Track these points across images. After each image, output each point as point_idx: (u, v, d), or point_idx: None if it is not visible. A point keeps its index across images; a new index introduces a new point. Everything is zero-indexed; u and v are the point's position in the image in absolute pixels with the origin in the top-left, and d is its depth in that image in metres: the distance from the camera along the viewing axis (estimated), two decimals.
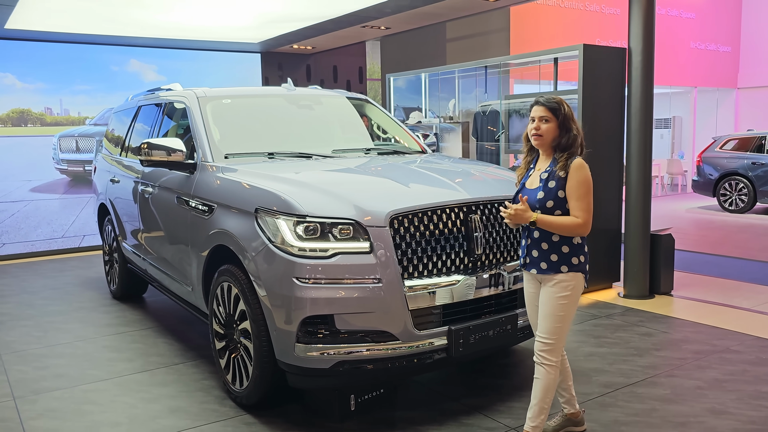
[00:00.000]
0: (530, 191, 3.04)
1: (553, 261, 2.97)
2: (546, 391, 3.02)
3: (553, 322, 2.98)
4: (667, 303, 5.86)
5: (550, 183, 2.98)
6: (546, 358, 3.00)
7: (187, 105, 4.68)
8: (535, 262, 3.02)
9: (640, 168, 5.99)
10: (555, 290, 2.98)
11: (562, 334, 3.00)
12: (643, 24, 5.86)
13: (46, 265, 8.16)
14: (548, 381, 3.01)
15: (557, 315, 2.98)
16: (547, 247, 2.98)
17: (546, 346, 2.99)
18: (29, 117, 8.79)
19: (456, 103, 8.12)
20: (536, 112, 3.01)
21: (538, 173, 3.07)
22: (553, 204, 2.95)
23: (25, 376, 4.36)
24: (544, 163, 3.09)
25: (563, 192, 2.95)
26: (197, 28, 8.50)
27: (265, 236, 3.37)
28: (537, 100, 3.03)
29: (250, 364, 3.55)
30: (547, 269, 2.98)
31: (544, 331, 3.00)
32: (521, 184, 3.15)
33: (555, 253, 2.97)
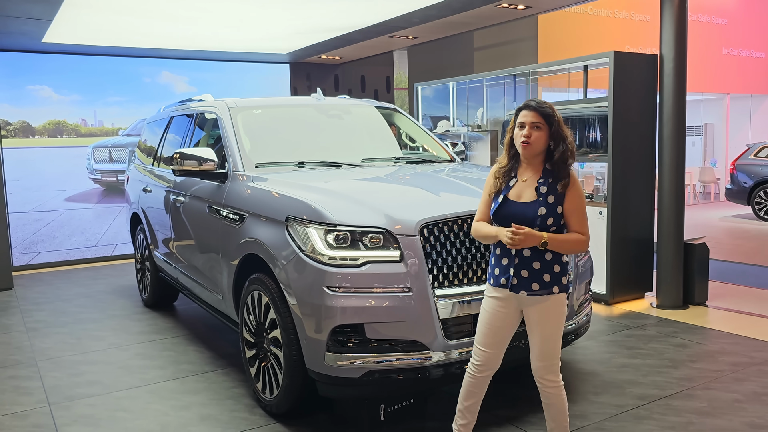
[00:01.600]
0: (525, 206, 2.77)
1: (546, 281, 2.77)
2: (561, 411, 2.93)
3: (554, 343, 2.84)
4: (701, 314, 5.73)
5: (549, 198, 2.75)
6: (553, 380, 2.88)
7: (219, 115, 4.73)
8: (525, 283, 2.78)
9: (672, 176, 5.89)
10: (548, 312, 2.80)
11: (560, 352, 2.89)
12: (675, 30, 5.78)
13: (80, 273, 8.31)
14: (561, 401, 2.91)
15: (556, 336, 2.84)
16: (539, 267, 2.76)
17: (550, 369, 2.87)
18: (64, 128, 8.99)
19: (484, 111, 8.09)
20: (527, 117, 2.76)
21: (526, 186, 2.81)
22: (553, 221, 2.75)
23: (59, 383, 4.43)
24: (528, 173, 2.83)
25: (561, 207, 2.76)
26: (227, 40, 8.62)
27: (295, 245, 3.38)
28: (527, 104, 2.79)
29: (280, 373, 3.56)
30: (540, 290, 2.77)
31: (546, 356, 2.85)
32: (503, 197, 2.84)
33: (547, 272, 2.77)
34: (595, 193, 6.60)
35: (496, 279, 2.87)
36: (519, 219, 2.76)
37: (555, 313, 2.82)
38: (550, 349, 2.85)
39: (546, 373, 2.87)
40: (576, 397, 3.95)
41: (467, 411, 3.07)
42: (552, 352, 2.85)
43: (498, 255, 2.86)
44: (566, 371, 4.39)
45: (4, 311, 6.47)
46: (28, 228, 8.71)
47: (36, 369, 4.73)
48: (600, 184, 7.38)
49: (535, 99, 2.85)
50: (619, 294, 6.08)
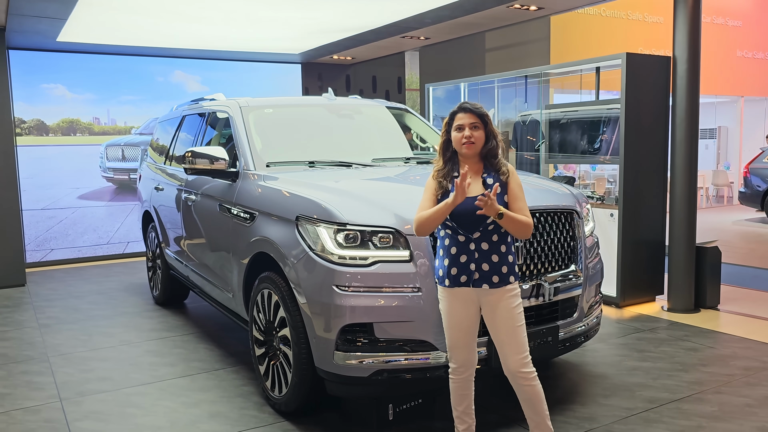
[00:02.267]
0: (474, 199, 2.79)
1: (504, 273, 2.89)
2: (542, 401, 2.95)
3: (520, 333, 2.90)
4: (713, 317, 5.69)
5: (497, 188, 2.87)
6: (530, 372, 2.91)
7: (230, 114, 4.76)
8: (486, 276, 2.87)
9: (685, 179, 5.86)
10: (508, 302, 2.89)
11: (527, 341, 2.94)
12: (689, 32, 5.74)
13: (92, 271, 8.37)
14: (540, 392, 2.94)
15: (520, 325, 2.91)
16: (498, 259, 2.89)
17: (524, 360, 2.91)
18: (78, 126, 9.06)
19: (495, 112, 8.07)
20: (464, 119, 2.91)
21: (472, 181, 2.88)
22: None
23: (71, 378, 4.47)
24: (470, 170, 2.91)
25: (507, 197, 2.92)
26: (239, 40, 8.66)
27: (305, 244, 3.39)
28: (463, 107, 2.94)
29: (289, 371, 3.57)
30: (499, 282, 2.88)
31: (519, 346, 2.90)
32: (451, 194, 2.86)
33: (504, 264, 2.90)
34: (606, 195, 6.57)
35: (454, 279, 2.92)
36: (473, 212, 2.82)
37: (514, 303, 2.91)
38: (521, 340, 2.90)
39: (522, 365, 2.90)
40: (585, 399, 3.93)
41: (464, 415, 3.12)
42: (524, 342, 2.91)
43: (454, 254, 2.92)
44: (576, 373, 4.37)
45: (17, 307, 6.53)
46: (41, 225, 8.79)
47: (48, 365, 4.77)
48: (611, 187, 7.35)
49: (467, 101, 3.00)
50: (630, 297, 6.05)
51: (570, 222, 3.74)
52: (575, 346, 3.81)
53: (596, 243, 4.18)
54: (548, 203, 3.67)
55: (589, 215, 4.13)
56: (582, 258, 3.78)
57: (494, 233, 2.89)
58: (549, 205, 3.65)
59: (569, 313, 3.70)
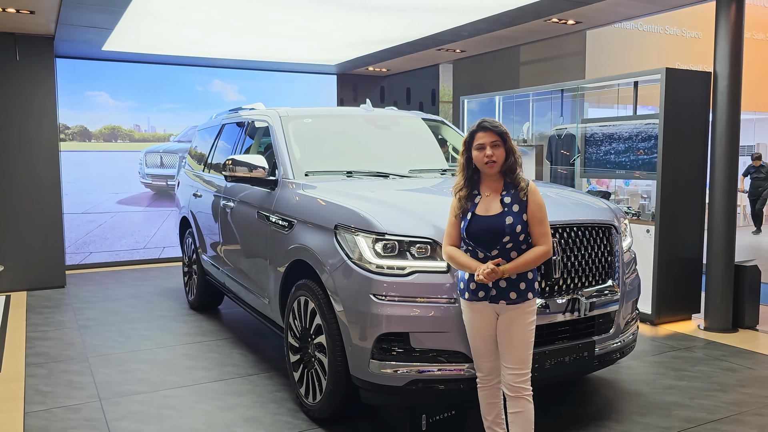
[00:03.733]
0: (493, 218, 2.90)
1: (522, 289, 2.90)
2: (530, 421, 2.95)
3: (527, 349, 2.92)
4: (752, 338, 5.58)
5: (515, 207, 2.91)
6: (525, 389, 2.92)
7: (270, 124, 4.84)
8: (504, 293, 2.90)
9: (724, 196, 5.77)
10: (522, 318, 2.91)
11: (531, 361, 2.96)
12: (731, 47, 5.68)
13: (129, 274, 8.55)
14: (531, 411, 2.94)
15: (529, 342, 2.93)
16: (516, 276, 2.90)
17: (523, 377, 2.92)
18: (119, 133, 9.29)
19: (530, 126, 8.06)
20: (485, 138, 2.92)
21: (491, 199, 2.95)
22: (521, 228, 2.89)
23: (109, 379, 4.58)
24: (489, 188, 2.98)
25: (526, 215, 2.91)
26: (277, 51, 8.80)
27: (343, 252, 3.44)
28: (483, 126, 2.94)
29: (324, 379, 3.61)
30: (517, 298, 2.90)
31: (520, 362, 2.91)
32: (471, 213, 2.95)
33: (523, 281, 2.91)
34: (641, 210, 6.50)
35: (473, 293, 2.96)
36: (490, 231, 2.89)
37: (529, 320, 2.93)
38: (524, 355, 2.91)
39: (520, 379, 2.91)
40: (621, 416, 3.89)
41: (494, 425, 3.13)
42: (526, 358, 2.92)
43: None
44: (610, 390, 4.32)
45: (58, 308, 6.70)
46: (81, 229, 9.01)
47: (87, 365, 4.89)
48: (646, 202, 7.27)
49: (487, 119, 2.99)
50: (666, 314, 5.96)
51: (608, 237, 3.72)
52: (610, 362, 3.78)
53: (634, 258, 4.14)
54: (586, 217, 3.66)
55: (627, 230, 4.10)
56: (619, 273, 3.75)
57: (513, 250, 2.90)
58: (587, 219, 3.64)
59: (605, 329, 3.67)
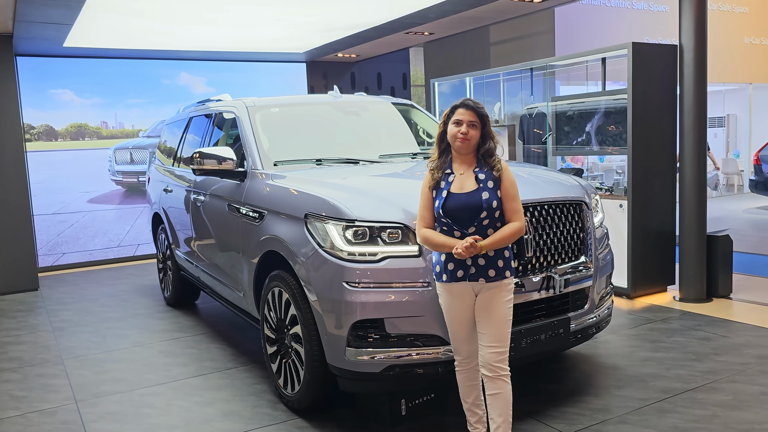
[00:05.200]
0: (469, 195, 2.90)
1: (500, 267, 2.91)
2: (508, 403, 2.94)
3: (505, 327, 2.92)
4: (725, 306, 5.66)
5: (489, 183, 2.91)
6: (503, 369, 2.91)
7: (237, 114, 4.77)
8: (482, 270, 2.89)
9: (694, 168, 5.82)
10: (501, 296, 2.91)
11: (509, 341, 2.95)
12: (695, 20, 5.70)
13: (103, 274, 8.43)
14: (509, 393, 2.94)
15: (507, 320, 2.93)
16: (493, 254, 2.90)
17: (501, 356, 2.91)
18: (86, 131, 9.12)
19: (501, 106, 8.05)
20: (465, 115, 2.92)
21: (465, 177, 2.95)
22: (496, 204, 2.90)
23: (85, 380, 4.51)
24: (462, 166, 2.98)
25: (500, 192, 2.92)
26: (244, 41, 8.67)
27: (314, 241, 3.40)
28: (465, 104, 2.94)
29: (302, 369, 3.59)
30: (495, 276, 2.89)
31: (499, 340, 2.90)
32: (446, 192, 2.93)
33: (500, 258, 2.91)
34: (614, 186, 6.55)
35: (451, 274, 2.93)
36: (467, 207, 2.88)
37: (507, 298, 2.93)
38: (503, 334, 2.91)
39: (499, 360, 2.90)
40: (598, 391, 3.92)
41: (474, 407, 3.14)
42: (505, 337, 2.92)
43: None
44: (588, 365, 4.36)
45: (31, 311, 6.59)
46: (53, 230, 8.85)
47: (62, 367, 4.81)
48: (621, 178, 7.32)
49: (471, 99, 2.99)
50: (641, 287, 6.02)
51: (579, 213, 3.73)
52: (587, 337, 3.80)
53: (606, 234, 4.17)
54: (557, 195, 3.66)
55: (598, 206, 4.11)
56: (592, 249, 3.77)
57: (489, 227, 2.91)
58: (557, 196, 3.64)
59: (580, 305, 3.69)
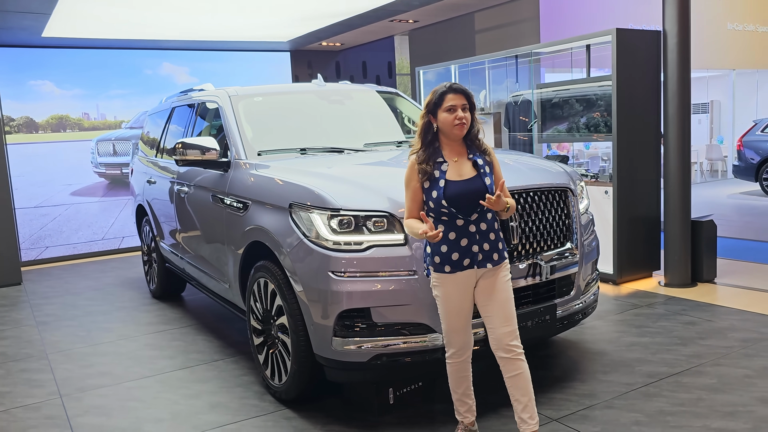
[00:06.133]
0: (469, 181, 2.83)
1: (501, 249, 2.92)
2: (529, 381, 2.90)
3: (512, 305, 2.91)
4: (710, 291, 5.71)
5: (486, 168, 2.90)
6: (517, 346, 2.88)
7: (220, 104, 4.72)
8: (488, 255, 2.87)
9: (678, 154, 5.84)
10: (502, 275, 2.91)
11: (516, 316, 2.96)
12: (679, 6, 5.70)
13: (88, 267, 8.35)
14: (527, 371, 2.91)
15: (511, 297, 2.92)
16: (494, 237, 2.90)
17: (514, 334, 2.88)
18: (68, 122, 9.00)
19: (487, 94, 8.04)
20: (456, 100, 2.82)
21: (460, 164, 2.87)
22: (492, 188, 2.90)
23: (71, 375, 4.47)
24: (453, 153, 2.89)
25: (494, 176, 2.93)
26: (227, 29, 8.58)
27: (299, 231, 3.38)
28: (453, 88, 2.84)
29: (288, 359, 3.57)
30: (499, 259, 2.91)
31: (508, 318, 2.88)
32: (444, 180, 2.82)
33: (499, 240, 2.92)
34: (600, 172, 6.56)
35: (456, 263, 2.85)
36: (471, 194, 2.82)
37: (507, 277, 2.94)
38: (511, 312, 2.90)
39: (512, 338, 2.87)
40: (585, 376, 3.94)
41: (464, 396, 3.12)
42: (513, 315, 2.91)
43: (453, 239, 2.84)
44: (575, 351, 4.38)
45: (14, 306, 6.51)
46: (35, 223, 8.75)
47: (47, 362, 4.76)
48: (606, 164, 7.34)
49: (455, 82, 2.92)
50: (627, 273, 6.06)
51: (564, 200, 3.73)
52: (573, 323, 3.82)
53: (591, 220, 4.17)
54: (542, 182, 3.65)
55: (583, 193, 4.12)
56: (577, 236, 3.77)
57: (488, 212, 2.89)
58: (543, 183, 3.64)
59: (566, 291, 3.70)
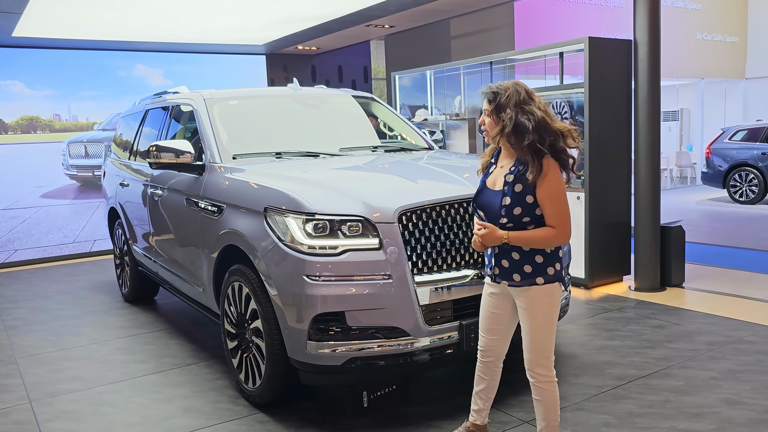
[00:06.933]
0: (493, 194, 2.71)
1: (527, 272, 2.67)
2: (553, 409, 2.79)
3: (542, 335, 2.72)
4: (678, 295, 5.83)
5: (517, 186, 2.63)
6: (544, 375, 2.75)
7: (195, 107, 4.70)
8: (507, 273, 2.71)
9: (648, 161, 5.96)
10: (533, 303, 2.69)
11: (552, 345, 2.76)
12: (649, 15, 5.83)
13: (58, 270, 8.21)
14: (552, 398, 2.78)
15: (544, 328, 2.71)
16: (519, 257, 2.67)
17: (534, 362, 2.75)
18: (38, 124, 8.85)
19: (462, 99, 8.11)
20: (484, 104, 2.75)
21: (501, 172, 2.74)
22: (521, 211, 2.63)
23: (40, 379, 4.40)
24: (506, 159, 2.75)
25: (532, 197, 2.62)
26: (202, 32, 8.53)
27: (274, 235, 3.38)
28: (482, 91, 2.75)
29: (263, 363, 3.56)
30: (522, 281, 2.68)
31: (531, 346, 2.74)
32: (482, 182, 2.81)
33: (528, 264, 2.67)
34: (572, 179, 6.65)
35: (485, 269, 2.90)
36: (488, 207, 2.74)
37: (540, 304, 2.69)
38: (537, 341, 2.73)
39: (535, 366, 2.75)
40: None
41: (478, 397, 3.09)
42: (540, 345, 2.73)
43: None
44: None
45: None
46: (4, 226, 8.58)
47: (16, 366, 4.68)
48: None
49: (490, 84, 2.78)
50: (598, 278, 6.15)
51: None
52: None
53: None
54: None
55: None
56: None
57: (515, 230, 2.66)
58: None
59: None
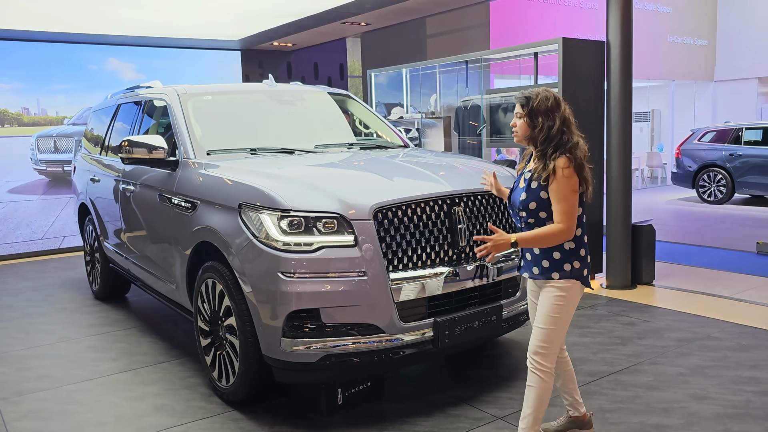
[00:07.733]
0: (518, 191, 2.92)
1: (545, 267, 2.82)
2: (540, 400, 2.84)
3: (544, 323, 2.82)
4: (649, 293, 5.93)
5: (533, 184, 2.81)
6: (540, 363, 2.82)
7: (168, 102, 4.64)
8: (528, 266, 2.90)
9: (620, 161, 6.05)
10: (550, 295, 2.82)
11: (556, 339, 2.83)
12: (621, 17, 5.91)
13: (27, 267, 8.05)
14: (543, 389, 2.83)
15: (551, 318, 2.81)
16: (538, 252, 2.84)
17: (535, 348, 2.84)
18: (6, 117, 8.66)
19: (437, 98, 8.14)
20: (516, 108, 2.91)
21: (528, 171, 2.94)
22: (536, 206, 2.79)
23: (7, 378, 4.31)
24: (534, 160, 2.93)
25: (546, 193, 2.77)
26: (176, 26, 8.43)
27: (249, 231, 3.36)
28: (516, 96, 2.91)
29: (236, 360, 3.54)
30: (539, 275, 2.84)
31: (538, 336, 2.83)
32: (515, 182, 3.00)
33: (546, 259, 2.82)
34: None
35: (519, 261, 3.03)
36: (513, 204, 2.94)
37: (552, 298, 2.81)
38: (541, 330, 2.83)
39: (533, 352, 2.85)
40: None
41: (562, 392, 3.19)
42: (543, 334, 2.82)
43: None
44: (520, 351, 4.48)
45: None
46: None
47: None
48: None
49: (528, 89, 2.92)
50: None
51: None
52: (519, 324, 3.91)
53: None
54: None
55: None
56: None
57: (534, 226, 2.82)
58: None
59: (512, 293, 3.78)
